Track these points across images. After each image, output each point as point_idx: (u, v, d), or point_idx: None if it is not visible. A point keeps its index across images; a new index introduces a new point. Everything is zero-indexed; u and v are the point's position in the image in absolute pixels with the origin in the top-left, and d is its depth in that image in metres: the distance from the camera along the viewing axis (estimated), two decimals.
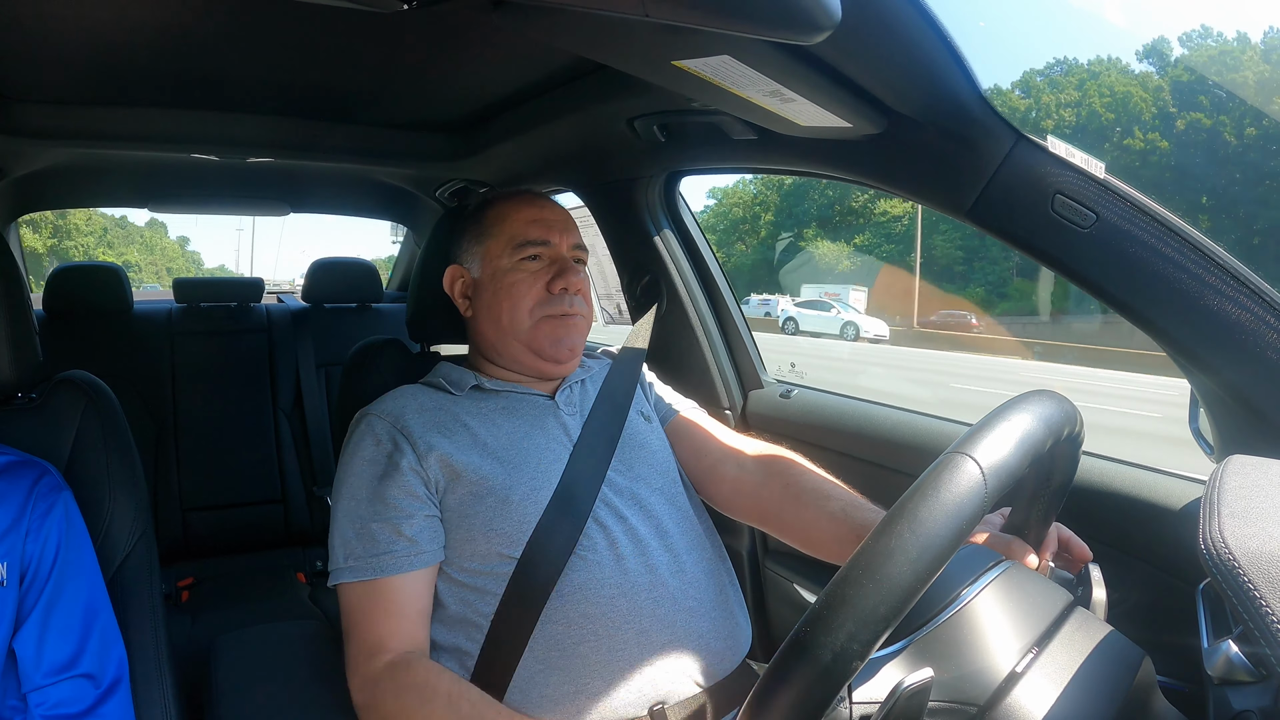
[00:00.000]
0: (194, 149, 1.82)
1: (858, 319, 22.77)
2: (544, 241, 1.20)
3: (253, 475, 2.53)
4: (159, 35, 1.21)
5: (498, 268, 1.20)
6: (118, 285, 2.51)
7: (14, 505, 0.97)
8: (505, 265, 1.19)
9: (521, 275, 1.18)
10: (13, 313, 1.07)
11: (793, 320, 23.07)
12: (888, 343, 22.48)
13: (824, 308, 23.52)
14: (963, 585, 0.69)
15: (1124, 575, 1.02)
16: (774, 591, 1.70)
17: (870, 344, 21.66)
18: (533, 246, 1.19)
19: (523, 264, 1.19)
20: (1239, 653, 0.60)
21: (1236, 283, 0.88)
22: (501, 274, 1.19)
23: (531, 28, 0.86)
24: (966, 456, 0.59)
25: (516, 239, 1.20)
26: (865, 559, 0.55)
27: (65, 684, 0.96)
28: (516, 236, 1.20)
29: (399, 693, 0.95)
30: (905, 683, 0.58)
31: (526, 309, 1.18)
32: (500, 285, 1.19)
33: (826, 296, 25.34)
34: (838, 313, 23.07)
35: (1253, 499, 0.65)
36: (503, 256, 1.20)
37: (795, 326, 22.77)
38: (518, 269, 1.19)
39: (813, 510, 1.11)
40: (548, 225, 1.21)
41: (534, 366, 1.21)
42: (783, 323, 23.05)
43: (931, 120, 1.00)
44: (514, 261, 1.19)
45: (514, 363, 1.22)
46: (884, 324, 23.23)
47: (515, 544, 1.04)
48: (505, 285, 1.19)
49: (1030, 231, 0.98)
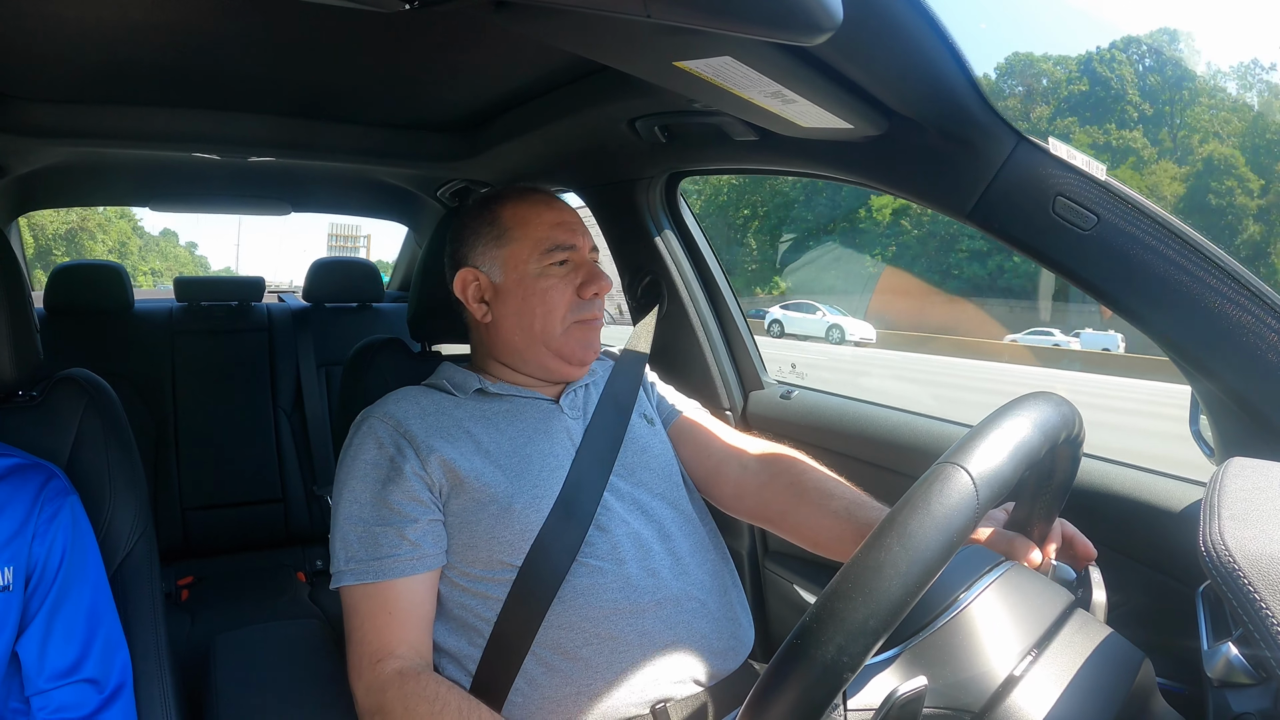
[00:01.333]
0: (195, 148, 1.82)
1: (843, 321, 22.42)
2: (571, 245, 1.18)
3: (253, 474, 2.53)
4: (161, 34, 1.21)
5: (525, 273, 1.17)
6: (118, 284, 2.51)
7: (21, 509, 0.97)
8: (534, 270, 1.17)
9: (553, 281, 1.17)
10: (13, 310, 1.07)
11: (778, 323, 22.75)
12: (874, 346, 22.01)
13: (809, 310, 23.17)
14: (961, 589, 0.68)
15: (1124, 577, 1.01)
16: (774, 592, 1.70)
17: (855, 348, 21.21)
18: (562, 251, 1.17)
19: (551, 269, 1.17)
20: (1239, 655, 0.60)
21: (1237, 285, 0.88)
22: (530, 279, 1.17)
23: (533, 28, 0.86)
24: (958, 467, 0.58)
25: (544, 243, 1.17)
26: (855, 572, 0.55)
27: (68, 688, 0.96)
28: (544, 240, 1.17)
29: (408, 701, 0.94)
30: (899, 691, 0.58)
31: (560, 315, 1.16)
32: (532, 291, 1.17)
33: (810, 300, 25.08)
34: (823, 315, 22.70)
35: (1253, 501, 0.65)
36: (530, 261, 1.17)
37: (781, 329, 22.46)
38: (547, 274, 1.17)
39: (816, 510, 1.11)
40: (571, 228, 1.20)
41: (558, 371, 1.20)
42: (768, 325, 22.76)
43: (933, 122, 1.00)
44: (543, 267, 1.17)
45: (538, 368, 1.20)
46: (870, 327, 22.80)
47: (518, 552, 1.03)
48: (538, 291, 1.16)
49: (1031, 233, 0.98)
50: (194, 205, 2.76)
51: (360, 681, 0.99)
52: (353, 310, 2.79)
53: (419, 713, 0.93)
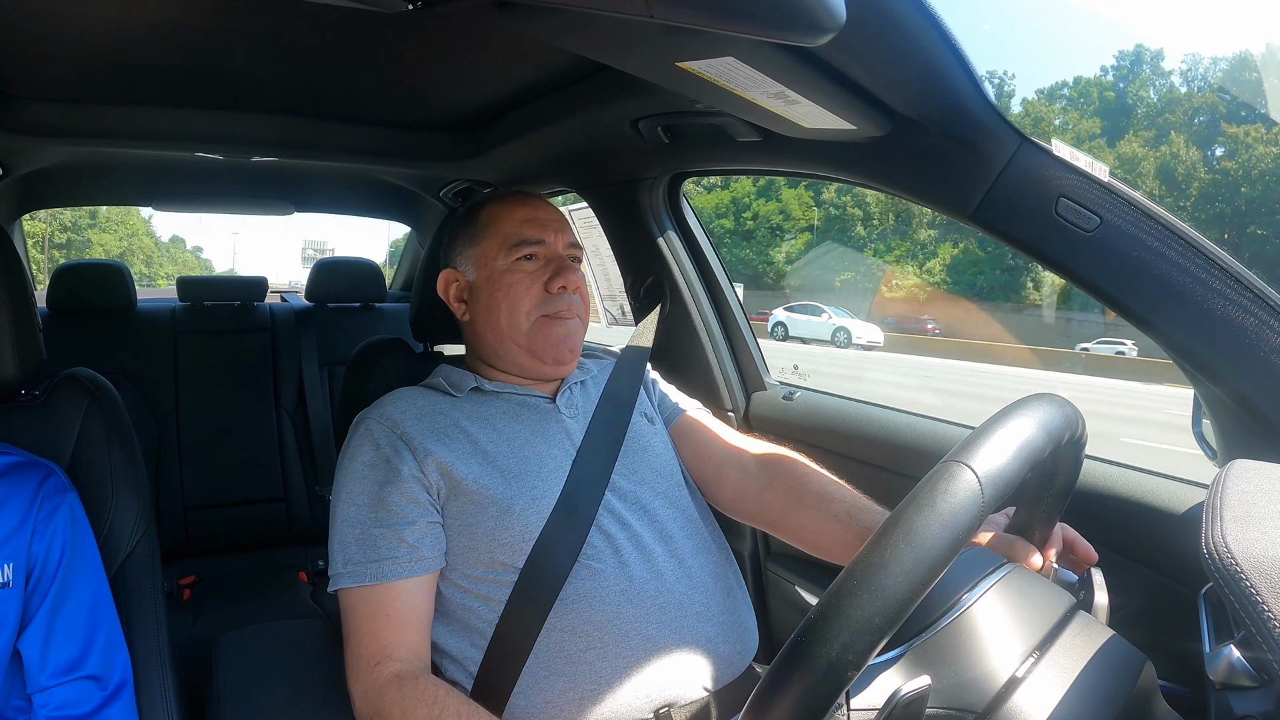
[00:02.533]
0: (198, 148, 1.82)
1: (850, 324, 21.99)
2: (539, 241, 1.18)
3: (255, 474, 2.53)
4: (164, 34, 1.21)
5: (494, 269, 1.18)
6: (121, 283, 2.51)
7: (20, 506, 0.97)
8: (501, 266, 1.18)
9: (518, 276, 1.17)
10: (16, 310, 1.07)
11: (782, 325, 22.38)
12: (881, 349, 21.57)
13: (814, 312, 22.76)
14: (964, 590, 0.68)
15: (1126, 579, 1.01)
16: (776, 593, 1.70)
17: (863, 351, 20.78)
18: (528, 246, 1.18)
19: (519, 264, 1.17)
20: (1241, 657, 0.60)
21: (1240, 286, 0.88)
22: (498, 275, 1.18)
23: (536, 28, 0.86)
24: (963, 465, 0.58)
25: (511, 239, 1.18)
26: (860, 570, 0.55)
27: (70, 685, 0.96)
28: (511, 236, 1.18)
29: (406, 705, 0.93)
30: (903, 690, 0.58)
31: (525, 310, 1.16)
32: (497, 287, 1.17)
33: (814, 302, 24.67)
34: (829, 317, 22.26)
35: (1255, 503, 0.65)
36: (498, 257, 1.18)
37: (785, 332, 22.11)
38: (514, 269, 1.17)
39: (817, 513, 1.10)
40: (542, 224, 1.20)
41: (533, 369, 1.20)
42: (771, 327, 22.35)
43: (936, 123, 1.00)
44: (510, 262, 1.18)
45: (514, 366, 1.20)
46: (879, 330, 22.26)
47: (518, 554, 1.03)
48: (503, 286, 1.17)
49: (1034, 234, 0.98)
50: (197, 205, 2.76)
51: (358, 685, 0.99)
52: (355, 310, 2.79)
53: (418, 716, 0.92)
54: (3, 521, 0.95)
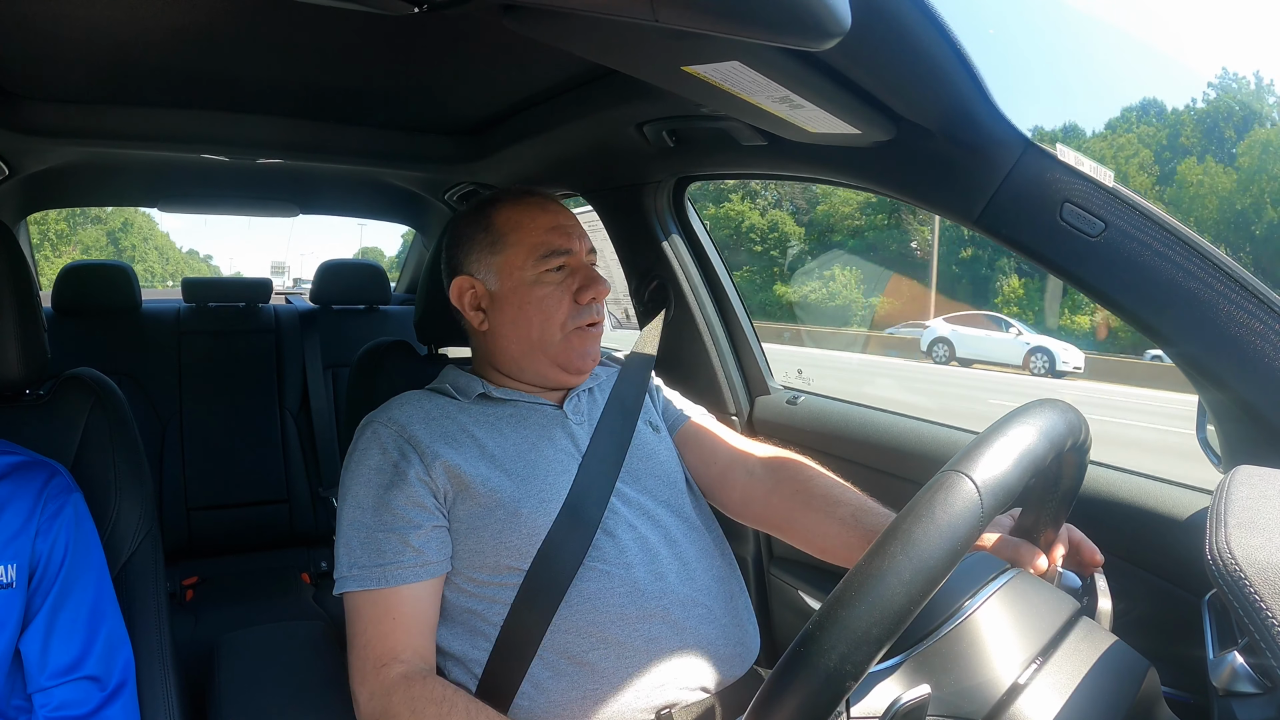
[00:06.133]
0: (204, 149, 1.83)
1: (1049, 344, 15.01)
2: (567, 250, 1.16)
3: (258, 475, 2.54)
4: (170, 35, 1.22)
5: (520, 280, 1.15)
6: (126, 284, 2.52)
7: (24, 506, 0.97)
8: (529, 277, 1.15)
9: (549, 288, 1.15)
10: (21, 310, 1.08)
11: (944, 343, 15.76)
12: (1084, 377, 14.62)
13: (997, 325, 16.01)
14: (966, 596, 0.68)
15: (1129, 585, 1.01)
16: (779, 598, 1.70)
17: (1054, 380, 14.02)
18: (558, 257, 1.15)
19: (547, 275, 1.15)
20: (1244, 664, 0.60)
21: (1245, 292, 0.88)
22: (526, 287, 1.15)
23: (541, 32, 0.86)
24: (962, 475, 0.58)
25: (539, 249, 1.15)
26: (858, 580, 0.55)
27: (70, 685, 0.96)
28: (539, 246, 1.15)
29: (415, 704, 0.93)
30: (902, 700, 0.58)
31: (558, 323, 1.15)
32: (528, 299, 1.15)
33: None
34: (1018, 333, 15.52)
35: (1260, 510, 0.65)
36: (525, 268, 1.15)
37: (949, 352, 15.64)
38: (542, 281, 1.15)
39: (822, 516, 1.10)
40: (567, 232, 1.17)
41: (556, 379, 1.19)
42: (928, 345, 15.97)
43: (941, 128, 1.00)
44: (538, 273, 1.15)
45: (536, 376, 1.19)
46: (1079, 352, 15.07)
47: (524, 556, 1.03)
48: (534, 299, 1.14)
49: (1038, 240, 0.98)
50: (202, 206, 2.77)
51: (364, 686, 0.98)
52: (360, 312, 2.80)
53: (426, 715, 0.92)
54: (7, 521, 0.96)
